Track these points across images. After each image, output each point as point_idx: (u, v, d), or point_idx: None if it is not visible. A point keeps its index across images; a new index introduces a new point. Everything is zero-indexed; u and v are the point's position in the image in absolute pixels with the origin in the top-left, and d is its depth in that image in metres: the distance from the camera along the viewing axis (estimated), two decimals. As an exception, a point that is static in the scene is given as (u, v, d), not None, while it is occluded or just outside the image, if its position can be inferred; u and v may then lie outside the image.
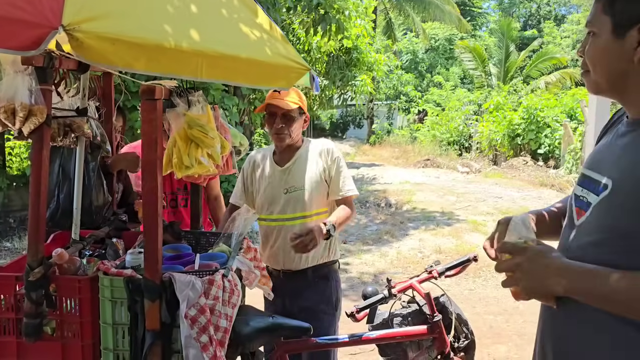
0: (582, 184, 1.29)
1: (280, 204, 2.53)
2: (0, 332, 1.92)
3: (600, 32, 1.21)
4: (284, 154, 2.59)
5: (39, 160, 1.78)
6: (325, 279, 2.58)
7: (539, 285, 1.20)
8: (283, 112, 2.46)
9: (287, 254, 2.51)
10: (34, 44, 1.20)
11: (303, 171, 2.52)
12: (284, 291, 2.54)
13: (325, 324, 2.48)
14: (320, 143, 2.62)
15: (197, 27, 1.51)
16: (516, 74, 23.41)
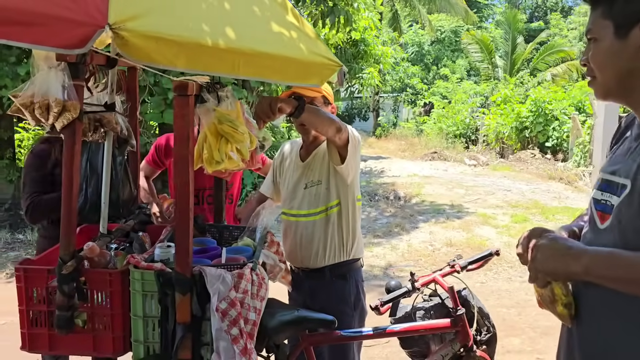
0: (602, 188, 1.30)
1: (298, 198, 2.51)
2: (33, 324, 1.95)
3: (602, 37, 1.24)
4: (309, 147, 2.55)
5: (71, 155, 1.80)
6: (344, 278, 2.50)
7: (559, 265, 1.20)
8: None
9: (305, 251, 2.50)
10: (81, 42, 1.21)
11: (321, 165, 2.48)
12: (304, 289, 2.54)
13: (344, 323, 2.40)
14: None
15: (232, 24, 1.52)
16: (523, 67, 23.30)
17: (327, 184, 2.46)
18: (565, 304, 1.30)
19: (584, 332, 1.30)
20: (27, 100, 1.71)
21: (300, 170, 2.54)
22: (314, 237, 2.47)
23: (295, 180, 2.55)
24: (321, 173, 2.47)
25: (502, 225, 7.47)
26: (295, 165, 2.58)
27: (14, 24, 1.23)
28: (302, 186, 2.51)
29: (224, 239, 2.44)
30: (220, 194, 2.52)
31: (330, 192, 2.46)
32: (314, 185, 2.48)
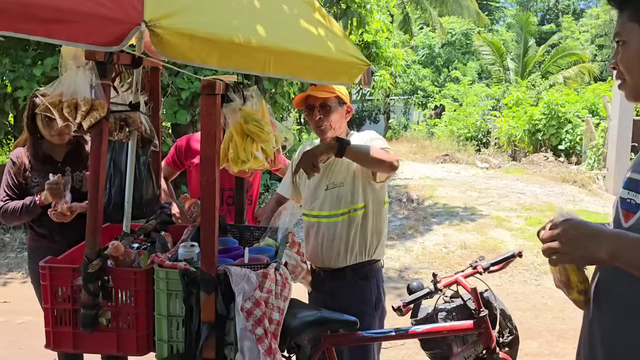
0: (629, 187, 1.30)
1: (320, 199, 2.50)
2: (57, 323, 1.96)
3: (630, 39, 1.24)
4: None
5: (98, 154, 1.81)
6: (365, 279, 2.50)
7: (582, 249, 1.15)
8: (320, 103, 2.38)
9: (326, 252, 2.49)
10: (117, 40, 1.21)
11: (343, 167, 2.46)
12: (324, 289, 2.53)
13: (365, 324, 2.40)
14: (361, 135, 2.53)
15: (262, 22, 1.52)
16: (534, 69, 23.18)
17: (351, 187, 2.45)
18: (580, 291, 1.31)
19: (607, 327, 1.28)
20: (55, 99, 1.73)
21: (322, 171, 2.50)
22: (335, 238, 2.46)
23: (315, 181, 2.53)
24: (343, 175, 2.46)
25: (517, 228, 7.41)
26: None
27: (51, 22, 1.24)
28: (322, 187, 2.50)
29: (244, 239, 2.44)
30: (242, 195, 2.52)
31: (355, 195, 2.45)
32: (335, 187, 2.46)
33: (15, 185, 2.59)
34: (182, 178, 3.30)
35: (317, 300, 2.56)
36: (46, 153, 2.61)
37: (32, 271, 2.70)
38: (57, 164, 2.61)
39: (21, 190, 2.59)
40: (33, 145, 2.58)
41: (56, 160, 2.62)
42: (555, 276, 1.35)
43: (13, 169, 2.59)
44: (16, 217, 2.56)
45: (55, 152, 2.63)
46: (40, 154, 2.59)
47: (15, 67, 7.04)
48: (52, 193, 2.41)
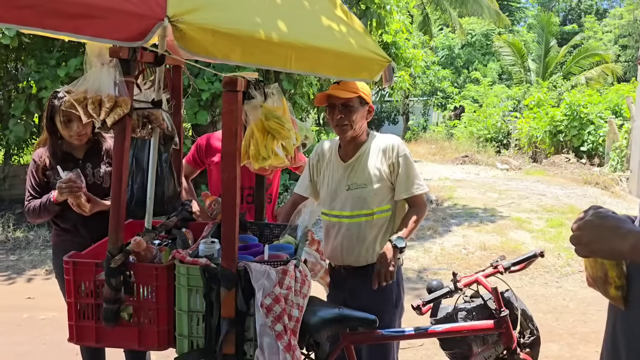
0: None
1: (341, 200, 2.50)
2: (80, 317, 1.99)
3: None
4: (348, 148, 2.53)
5: (121, 150, 1.84)
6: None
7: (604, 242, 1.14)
8: (342, 102, 2.38)
9: (347, 250, 2.50)
10: (141, 35, 1.23)
11: (366, 168, 2.46)
12: (345, 287, 2.54)
13: (385, 322, 2.41)
14: (385, 139, 2.53)
15: (284, 18, 1.53)
16: (556, 70, 22.87)
17: (375, 189, 2.46)
18: (618, 287, 1.27)
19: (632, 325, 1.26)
20: (80, 96, 1.75)
21: (342, 171, 2.53)
22: (358, 238, 2.47)
23: (336, 180, 2.54)
24: (366, 177, 2.47)
25: (537, 230, 7.32)
26: (335, 165, 2.56)
27: (78, 17, 1.26)
28: (344, 187, 2.50)
29: (264, 237, 2.45)
30: (262, 192, 2.53)
31: (380, 197, 2.47)
32: (358, 187, 2.47)
33: (38, 185, 2.64)
34: (202, 177, 3.32)
35: (336, 298, 2.56)
36: (66, 152, 2.65)
37: (57, 266, 2.74)
38: (78, 161, 2.65)
39: (44, 189, 2.63)
40: (52, 145, 2.63)
41: (77, 158, 2.66)
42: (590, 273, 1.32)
43: (35, 168, 2.65)
44: (37, 215, 2.62)
45: (76, 150, 2.68)
46: (59, 153, 2.63)
47: (40, 68, 7.18)
48: (62, 192, 2.43)
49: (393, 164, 2.46)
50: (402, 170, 2.45)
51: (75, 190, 2.42)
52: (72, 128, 2.53)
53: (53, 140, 2.62)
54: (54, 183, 2.53)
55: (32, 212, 2.62)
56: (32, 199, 2.64)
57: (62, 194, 2.44)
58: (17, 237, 7.03)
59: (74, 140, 2.60)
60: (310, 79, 8.28)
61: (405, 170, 2.46)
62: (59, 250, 2.68)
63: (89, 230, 2.58)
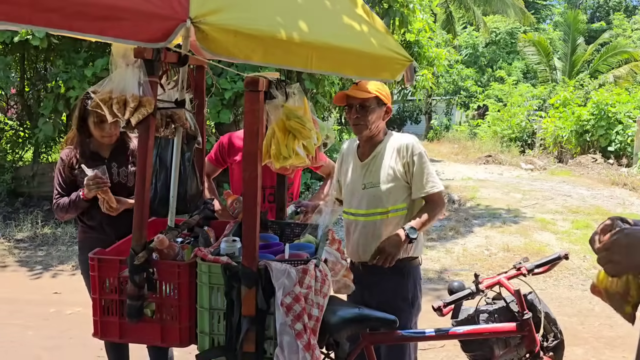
0: None
1: (358, 198, 2.54)
2: (105, 313, 2.03)
3: None
4: (365, 147, 2.57)
5: (145, 149, 1.86)
6: (401, 275, 2.53)
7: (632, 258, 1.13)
8: (359, 102, 2.43)
9: (364, 248, 2.53)
10: (164, 36, 1.25)
11: (380, 167, 2.50)
12: (362, 283, 2.54)
13: (401, 320, 2.39)
14: (400, 138, 2.55)
15: (305, 18, 1.54)
16: (583, 68, 22.43)
17: (390, 187, 2.49)
18: (634, 304, 1.26)
19: None
20: (105, 96, 1.79)
21: (359, 170, 2.57)
22: (373, 235, 2.49)
23: (354, 179, 2.58)
24: (381, 176, 2.49)
25: (562, 231, 7.19)
26: (354, 164, 2.61)
27: (102, 19, 1.28)
28: (360, 186, 2.54)
29: (285, 236, 2.47)
30: (283, 191, 2.55)
31: (394, 195, 2.49)
32: (373, 186, 2.50)
33: (65, 183, 2.70)
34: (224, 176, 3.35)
35: (355, 294, 2.57)
36: (93, 151, 2.71)
37: (82, 262, 2.80)
38: (104, 160, 2.70)
39: (71, 186, 2.69)
40: (81, 144, 2.69)
41: (103, 157, 2.72)
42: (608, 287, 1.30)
43: (63, 167, 2.71)
44: (66, 212, 2.69)
45: (102, 149, 2.74)
46: (88, 152, 2.69)
47: (68, 68, 7.33)
48: (90, 188, 2.51)
49: (407, 163, 2.48)
50: (416, 169, 2.47)
51: (102, 186, 2.50)
52: (104, 129, 2.60)
53: (82, 139, 2.69)
54: (81, 181, 2.60)
55: (60, 208, 2.69)
56: (60, 196, 2.70)
57: (90, 191, 2.51)
58: (45, 234, 7.20)
59: (105, 140, 2.67)
60: (332, 79, 8.28)
61: (420, 169, 2.47)
62: (84, 247, 2.74)
63: (114, 227, 2.63)
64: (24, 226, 7.32)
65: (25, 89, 8.90)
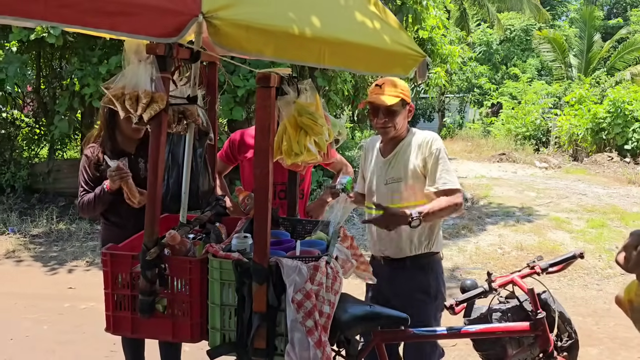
0: None
1: (380, 193, 2.57)
2: (117, 308, 2.04)
3: None
4: (388, 144, 2.61)
5: (157, 145, 1.87)
6: (423, 270, 2.56)
7: None
8: (385, 107, 2.46)
9: (386, 243, 2.57)
10: (175, 31, 1.25)
11: (402, 163, 2.53)
12: (382, 276, 2.58)
13: (422, 312, 2.47)
14: (422, 135, 2.57)
15: (317, 14, 1.53)
16: (599, 66, 22.14)
17: (410, 183, 2.51)
18: None
19: None
20: (118, 92, 1.80)
21: (381, 165, 2.60)
22: (396, 230, 2.49)
23: (376, 175, 2.62)
24: (402, 171, 2.52)
25: (577, 230, 7.11)
26: (376, 160, 2.65)
27: (115, 15, 1.28)
28: (382, 182, 2.58)
29: (296, 233, 2.46)
30: (294, 188, 2.55)
31: (415, 191, 2.51)
32: (394, 182, 2.53)
33: (91, 180, 2.71)
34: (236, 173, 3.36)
35: (377, 288, 2.62)
36: (120, 147, 2.73)
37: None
38: (131, 155, 2.72)
39: (97, 183, 2.70)
40: (110, 139, 2.71)
41: (129, 153, 2.73)
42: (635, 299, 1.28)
43: (88, 164, 2.72)
44: (92, 208, 2.69)
45: (128, 145, 2.75)
46: (115, 148, 2.71)
47: (83, 65, 7.40)
48: (114, 179, 2.52)
49: (426, 158, 2.49)
50: (432, 164, 2.47)
51: (125, 176, 2.52)
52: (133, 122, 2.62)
53: (109, 134, 2.70)
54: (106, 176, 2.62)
55: (86, 204, 2.70)
56: (85, 193, 2.72)
57: (114, 182, 2.53)
58: (60, 229, 7.28)
59: (135, 134, 2.67)
60: (345, 76, 8.26)
61: (435, 164, 2.47)
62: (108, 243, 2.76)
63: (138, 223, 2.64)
64: (40, 222, 7.41)
65: (41, 87, 9.00)
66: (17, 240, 6.83)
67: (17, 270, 5.89)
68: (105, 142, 2.71)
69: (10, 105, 8.47)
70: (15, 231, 7.14)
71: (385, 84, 2.42)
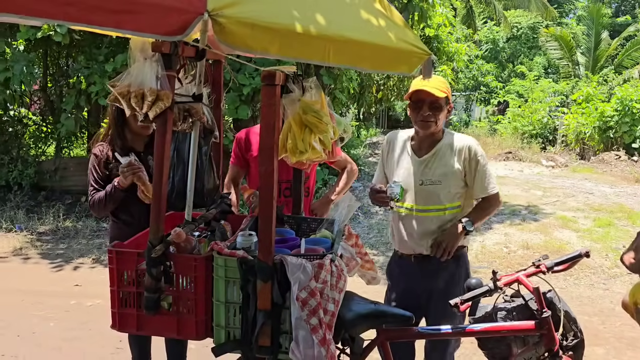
0: None
1: (414, 194, 2.56)
2: (123, 305, 2.05)
3: None
4: (424, 142, 2.59)
5: (162, 143, 1.88)
6: (456, 264, 2.61)
7: None
8: (432, 100, 2.46)
9: (418, 241, 2.57)
10: (181, 29, 1.25)
11: (441, 166, 2.53)
12: (414, 274, 2.62)
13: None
14: (462, 139, 2.59)
15: (322, 11, 1.53)
16: (607, 63, 22.00)
17: (449, 186, 2.53)
18: None
19: None
20: (124, 90, 1.80)
21: (416, 166, 2.58)
22: (428, 230, 2.54)
23: (409, 174, 2.59)
24: (441, 174, 2.53)
25: (584, 229, 7.08)
26: (408, 158, 2.61)
27: (120, 12, 1.29)
28: (417, 182, 2.56)
29: (301, 231, 2.46)
30: (299, 186, 2.55)
31: (452, 194, 2.54)
32: (432, 184, 2.54)
33: (101, 178, 2.69)
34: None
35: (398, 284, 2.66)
36: (128, 145, 2.70)
37: None
38: (140, 154, 2.69)
39: (107, 182, 2.68)
40: (119, 137, 2.68)
41: (138, 151, 2.70)
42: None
43: (97, 163, 2.69)
44: (103, 206, 2.67)
45: (137, 143, 2.72)
46: (124, 146, 2.68)
47: (90, 64, 7.43)
48: (125, 175, 2.50)
49: (469, 164, 2.53)
50: (479, 171, 2.54)
51: (137, 171, 2.50)
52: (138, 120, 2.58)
53: (118, 132, 2.67)
54: (117, 175, 2.60)
55: (97, 203, 2.67)
56: (95, 192, 2.70)
57: (126, 177, 2.51)
58: (67, 227, 7.32)
59: (143, 131, 2.64)
60: (350, 74, 8.25)
61: (482, 171, 2.54)
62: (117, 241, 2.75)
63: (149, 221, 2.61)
64: (46, 219, 7.46)
65: (48, 85, 9.04)
66: (24, 237, 6.87)
67: (24, 267, 5.92)
68: (115, 140, 2.69)
69: (18, 104, 8.51)
70: (22, 229, 7.18)
71: (434, 78, 2.41)
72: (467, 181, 2.55)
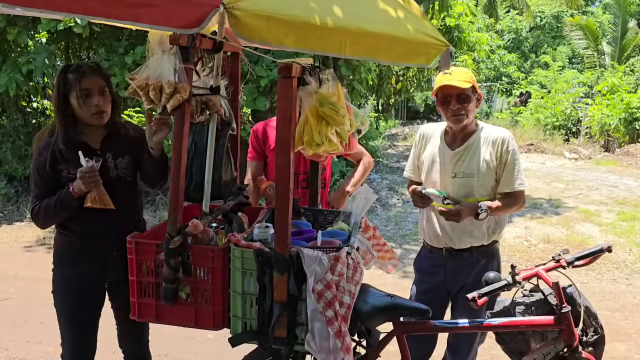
0: None
1: (444, 186, 2.55)
2: (142, 294, 2.08)
3: None
4: (457, 136, 2.56)
5: (180, 135, 1.89)
6: (488, 258, 2.59)
7: None
8: (458, 93, 2.43)
9: (449, 236, 2.56)
10: (197, 22, 1.26)
11: (475, 158, 2.50)
12: (446, 268, 2.61)
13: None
14: (495, 131, 2.56)
15: (338, 3, 1.52)
16: (634, 53, 21.47)
17: (482, 179, 2.50)
18: None
19: None
20: (142, 83, 1.82)
21: (449, 158, 2.56)
22: (460, 224, 2.49)
23: (442, 167, 2.57)
24: (475, 167, 2.51)
25: (607, 223, 6.95)
26: (441, 151, 2.59)
27: (138, 6, 1.30)
28: (449, 174, 2.55)
29: (318, 223, 2.47)
30: (316, 178, 2.55)
31: (485, 186, 2.51)
32: (465, 176, 2.52)
33: (45, 181, 2.23)
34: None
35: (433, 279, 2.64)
36: (81, 140, 2.24)
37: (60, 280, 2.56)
38: (96, 151, 2.25)
39: (54, 185, 2.22)
40: (66, 131, 2.20)
41: (93, 148, 2.26)
42: None
43: (43, 163, 2.22)
44: (53, 215, 2.23)
45: (92, 138, 2.28)
46: (75, 141, 2.21)
47: (110, 56, 7.51)
48: (86, 182, 2.11)
49: (501, 157, 2.49)
50: (509, 165, 2.49)
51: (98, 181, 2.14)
52: (91, 104, 2.18)
53: (67, 126, 2.20)
54: (67, 177, 2.19)
55: (44, 212, 2.22)
56: (40, 198, 2.23)
57: (87, 185, 2.12)
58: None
59: (95, 119, 2.21)
60: (369, 65, 8.20)
61: (512, 165, 2.49)
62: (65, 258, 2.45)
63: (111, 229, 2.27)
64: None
65: (70, 77, 9.15)
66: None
67: (48, 256, 6.02)
68: (63, 134, 2.20)
69: (41, 95, 8.65)
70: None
71: (455, 70, 2.40)
72: (497, 173, 2.51)
